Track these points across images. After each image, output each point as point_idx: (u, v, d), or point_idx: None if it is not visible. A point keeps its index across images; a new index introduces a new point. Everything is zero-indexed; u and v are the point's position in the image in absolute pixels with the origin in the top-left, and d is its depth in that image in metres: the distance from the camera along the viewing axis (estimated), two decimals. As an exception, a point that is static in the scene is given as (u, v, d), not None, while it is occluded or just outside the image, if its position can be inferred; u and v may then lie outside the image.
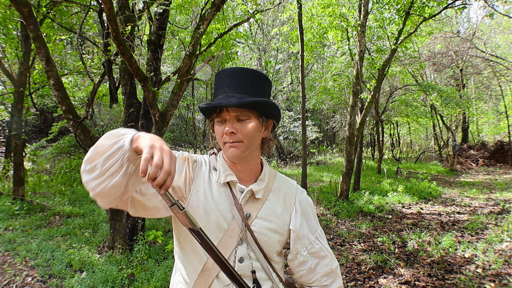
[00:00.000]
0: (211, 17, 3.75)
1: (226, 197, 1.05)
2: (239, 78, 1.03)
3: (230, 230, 1.03)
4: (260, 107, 1.03)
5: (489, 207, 6.83)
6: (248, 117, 1.01)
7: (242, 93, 1.02)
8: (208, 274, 1.02)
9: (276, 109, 1.07)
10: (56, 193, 6.69)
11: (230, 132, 1.00)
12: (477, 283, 3.50)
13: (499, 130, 21.00)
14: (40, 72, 7.20)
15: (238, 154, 1.01)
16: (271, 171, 1.17)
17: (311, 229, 1.15)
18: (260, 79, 1.06)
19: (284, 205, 1.12)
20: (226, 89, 1.03)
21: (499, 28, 19.50)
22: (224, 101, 0.99)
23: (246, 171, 1.10)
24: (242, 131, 1.01)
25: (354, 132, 7.40)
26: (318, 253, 1.14)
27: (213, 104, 1.00)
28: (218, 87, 1.06)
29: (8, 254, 3.86)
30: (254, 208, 1.07)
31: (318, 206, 6.56)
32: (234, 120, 1.01)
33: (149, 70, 4.26)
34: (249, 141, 1.02)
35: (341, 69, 11.21)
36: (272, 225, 1.08)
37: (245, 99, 0.99)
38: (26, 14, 3.33)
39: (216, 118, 1.03)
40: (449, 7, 7.99)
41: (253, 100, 0.99)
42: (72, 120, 3.67)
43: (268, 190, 1.12)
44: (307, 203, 1.18)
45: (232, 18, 9.81)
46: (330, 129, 21.13)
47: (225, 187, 1.07)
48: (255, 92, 1.03)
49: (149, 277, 3.48)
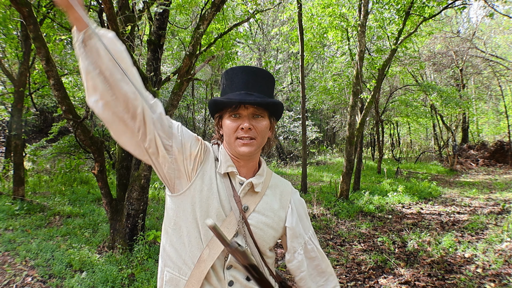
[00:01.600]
0: (211, 17, 3.75)
1: (225, 188, 1.06)
2: (257, 78, 1.07)
3: (227, 221, 1.03)
4: (274, 108, 1.08)
5: (489, 207, 6.83)
6: (263, 116, 1.05)
7: (259, 92, 1.06)
8: (204, 266, 1.02)
9: (282, 111, 1.12)
10: (56, 193, 6.69)
11: (248, 128, 1.02)
12: (477, 283, 3.50)
13: (499, 130, 21.00)
14: (40, 72, 7.20)
15: (251, 151, 1.03)
16: (267, 169, 1.19)
17: (304, 229, 1.17)
18: (272, 82, 1.12)
19: (280, 202, 1.14)
20: (242, 86, 1.05)
21: (499, 28, 19.50)
22: (247, 98, 1.02)
23: (246, 167, 1.11)
24: (257, 128, 1.04)
25: (354, 132, 7.40)
26: (312, 252, 1.16)
27: (236, 99, 1.02)
28: (233, 83, 1.08)
29: (8, 254, 3.86)
30: (252, 201, 1.08)
31: (318, 206, 6.56)
32: (250, 116, 1.04)
33: (149, 70, 4.26)
34: (261, 139, 1.06)
35: (341, 69, 11.21)
36: (269, 220, 1.09)
37: (265, 99, 1.03)
38: (26, 14, 3.33)
39: (231, 113, 1.04)
40: (449, 7, 8.00)
41: (273, 101, 1.04)
42: (72, 120, 3.67)
43: (266, 185, 1.13)
44: (301, 204, 1.21)
45: (232, 18, 9.81)
46: (330, 129, 21.13)
47: (225, 178, 1.08)
48: (269, 93, 1.10)
49: (149, 277, 3.47)
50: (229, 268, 1.05)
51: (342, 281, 3.71)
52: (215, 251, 1.02)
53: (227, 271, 1.04)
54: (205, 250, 1.02)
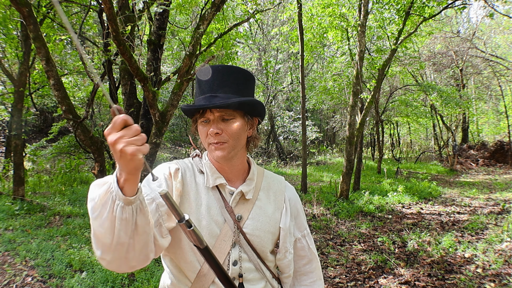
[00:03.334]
0: (211, 17, 3.75)
1: (216, 201, 1.02)
2: (222, 77, 0.99)
3: (222, 234, 1.00)
4: (244, 107, 1.00)
5: (489, 207, 6.83)
6: (233, 117, 0.98)
7: (225, 92, 0.98)
8: (204, 280, 0.99)
9: (260, 107, 1.04)
10: (56, 193, 6.69)
11: (215, 133, 0.96)
12: (477, 283, 3.50)
13: (499, 130, 21.00)
14: (40, 72, 7.20)
15: (224, 155, 0.98)
16: (258, 169, 1.15)
17: (299, 227, 1.15)
18: (243, 76, 1.02)
19: (274, 204, 1.11)
20: (208, 88, 0.99)
21: (499, 28, 19.50)
22: (207, 102, 0.96)
23: (233, 171, 1.07)
24: (227, 131, 0.98)
25: (354, 132, 7.40)
26: (302, 251, 1.14)
27: (195, 106, 0.97)
28: (199, 86, 1.02)
29: (8, 254, 3.86)
30: (245, 209, 1.05)
31: (318, 206, 6.56)
32: (219, 120, 0.98)
33: (149, 70, 4.26)
34: (235, 141, 0.99)
35: (341, 69, 11.21)
36: (264, 225, 1.06)
37: (229, 99, 0.96)
38: (26, 14, 3.33)
39: (200, 119, 1.00)
40: (449, 7, 8.00)
41: (238, 101, 0.96)
42: (72, 120, 3.67)
43: (258, 189, 1.10)
44: (296, 201, 1.17)
45: (232, 18, 9.81)
46: (330, 129, 21.13)
47: (214, 190, 1.04)
48: (238, 91, 1.00)
49: (149, 277, 3.48)
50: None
51: (342, 281, 3.71)
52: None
53: None
54: (204, 264, 0.99)
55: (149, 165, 0.73)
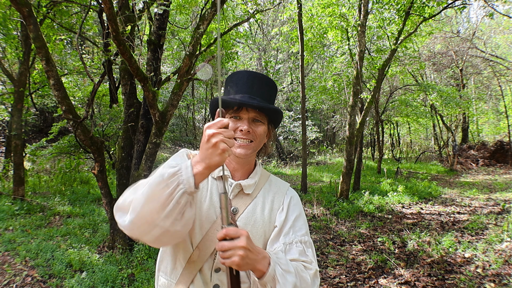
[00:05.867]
0: (211, 17, 3.75)
1: (217, 190, 1.08)
2: (261, 84, 1.10)
3: (217, 223, 1.04)
4: (274, 115, 1.11)
5: (489, 207, 6.83)
6: (263, 121, 1.09)
7: (262, 98, 1.09)
8: (193, 267, 1.03)
9: (281, 118, 1.16)
10: (56, 193, 6.69)
11: (248, 131, 1.04)
12: (477, 283, 3.50)
13: (499, 130, 20.99)
14: (40, 72, 7.19)
15: (247, 153, 1.06)
16: (264, 172, 1.19)
17: (294, 230, 1.09)
18: (275, 90, 1.15)
19: (272, 204, 1.13)
20: (247, 90, 1.08)
21: (499, 28, 19.48)
22: (251, 101, 1.04)
23: (239, 169, 1.13)
24: (256, 132, 1.07)
25: (354, 132, 7.40)
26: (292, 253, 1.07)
27: (240, 100, 1.04)
28: (237, 85, 1.10)
29: (8, 254, 3.86)
30: (243, 203, 1.09)
31: (318, 206, 6.56)
32: (250, 120, 1.07)
33: (149, 70, 4.26)
34: (258, 143, 1.09)
35: (341, 69, 11.20)
36: (258, 223, 1.08)
37: (268, 105, 1.06)
38: (26, 14, 3.33)
39: (233, 114, 1.06)
40: (449, 7, 7.99)
41: (275, 108, 1.08)
42: (72, 120, 3.67)
43: (259, 188, 1.14)
44: (297, 204, 1.15)
45: (232, 18, 9.80)
46: (330, 129, 21.12)
47: (219, 180, 1.05)
48: (270, 100, 1.13)
49: (149, 277, 3.47)
50: (217, 271, 1.04)
51: (342, 281, 3.71)
52: (205, 252, 1.02)
53: (214, 274, 1.04)
54: (195, 252, 1.03)
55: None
